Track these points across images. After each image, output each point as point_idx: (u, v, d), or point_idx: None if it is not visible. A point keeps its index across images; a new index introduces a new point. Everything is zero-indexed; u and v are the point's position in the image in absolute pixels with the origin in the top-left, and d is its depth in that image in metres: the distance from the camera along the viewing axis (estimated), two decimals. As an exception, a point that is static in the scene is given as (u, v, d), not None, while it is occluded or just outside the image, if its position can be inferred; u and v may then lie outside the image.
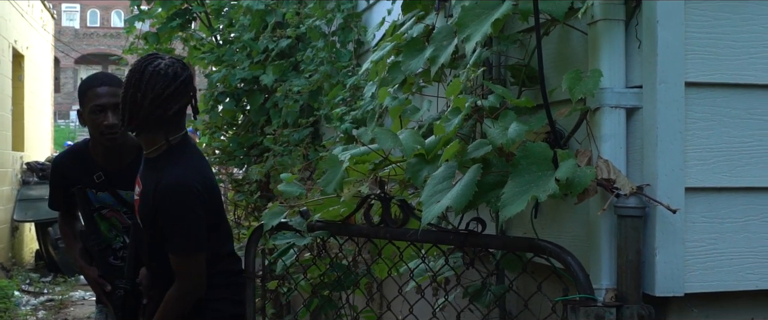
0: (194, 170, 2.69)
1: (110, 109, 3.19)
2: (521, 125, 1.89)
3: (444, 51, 2.28)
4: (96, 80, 3.32)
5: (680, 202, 1.82)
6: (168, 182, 2.61)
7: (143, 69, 2.65)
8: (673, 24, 1.83)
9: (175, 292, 2.69)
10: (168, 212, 2.62)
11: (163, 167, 2.66)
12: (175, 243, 2.64)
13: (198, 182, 2.65)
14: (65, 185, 3.46)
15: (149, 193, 2.68)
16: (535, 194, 1.75)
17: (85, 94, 3.28)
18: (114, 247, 3.46)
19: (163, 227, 2.65)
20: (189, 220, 2.62)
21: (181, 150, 2.72)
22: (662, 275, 1.82)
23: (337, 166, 2.20)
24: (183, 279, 2.66)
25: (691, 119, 1.85)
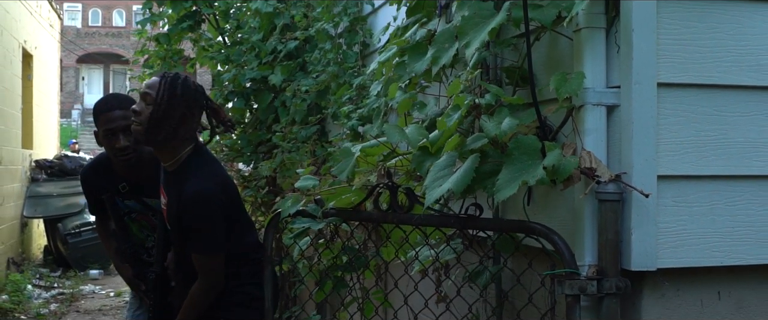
0: (212, 178, 2.96)
1: (121, 132, 3.37)
2: (513, 120, 2.14)
3: (445, 53, 2.52)
4: (108, 103, 3.48)
5: (653, 188, 2.07)
6: (189, 193, 2.87)
7: (164, 87, 2.92)
8: (646, 32, 2.08)
9: (199, 288, 2.99)
10: (190, 220, 2.90)
11: (184, 179, 2.93)
12: (198, 246, 2.93)
13: (216, 190, 2.93)
14: (95, 194, 3.71)
15: (174, 204, 2.95)
16: (526, 180, 2.00)
17: (98, 118, 3.46)
18: (147, 246, 3.71)
19: (187, 232, 2.93)
20: (209, 226, 2.90)
21: (198, 160, 2.99)
22: (637, 252, 2.07)
23: (349, 157, 2.46)
24: (205, 276, 2.96)
25: (662, 115, 2.10)
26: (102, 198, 3.66)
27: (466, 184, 2.10)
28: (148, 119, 2.90)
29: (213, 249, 2.91)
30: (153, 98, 2.91)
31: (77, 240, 10.48)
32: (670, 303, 2.16)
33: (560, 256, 2.09)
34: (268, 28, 5.85)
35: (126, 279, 3.79)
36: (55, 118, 14.46)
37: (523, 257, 2.39)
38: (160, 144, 2.96)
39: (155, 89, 2.93)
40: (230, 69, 6.04)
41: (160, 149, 3.00)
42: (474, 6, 2.33)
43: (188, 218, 2.87)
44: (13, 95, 10.28)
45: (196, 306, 3.01)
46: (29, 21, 11.36)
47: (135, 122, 2.98)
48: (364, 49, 4.61)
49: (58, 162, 11.82)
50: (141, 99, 3.00)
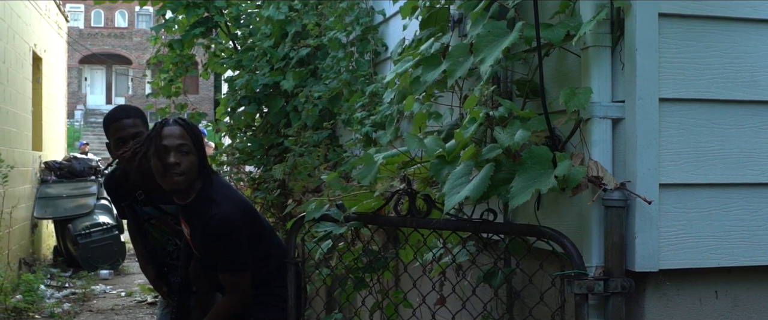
0: (231, 202, 3.19)
1: (131, 139, 3.55)
2: (525, 131, 2.31)
3: (460, 66, 2.69)
4: (116, 114, 3.65)
5: (655, 195, 2.24)
6: (213, 220, 3.09)
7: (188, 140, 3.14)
8: (649, 51, 2.25)
9: (228, 303, 3.25)
10: (216, 246, 3.14)
11: (205, 208, 3.14)
12: (225, 266, 3.18)
13: (237, 213, 3.16)
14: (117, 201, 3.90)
15: (198, 233, 3.17)
16: (538, 188, 2.18)
17: (109, 128, 3.62)
18: (168, 249, 3.88)
19: (214, 256, 3.13)
20: (234, 248, 3.14)
21: (211, 191, 3.19)
22: (641, 254, 2.25)
23: (372, 163, 2.63)
24: (233, 293, 3.22)
25: (664, 128, 2.28)
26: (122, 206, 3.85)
27: (483, 191, 2.27)
28: (192, 167, 3.10)
29: (239, 268, 3.14)
30: (191, 147, 3.11)
31: (87, 241, 10.65)
32: (671, 301, 2.33)
33: (569, 258, 2.26)
34: (279, 35, 6.02)
35: (150, 280, 3.98)
36: (62, 120, 14.64)
37: (532, 259, 2.57)
38: (193, 186, 3.16)
39: (186, 138, 3.13)
40: (242, 74, 6.21)
41: (188, 190, 3.18)
42: (488, 25, 2.50)
43: (214, 242, 3.09)
44: (24, 98, 10.45)
45: (221, 317, 3.23)
46: (38, 24, 11.53)
47: (175, 173, 3.11)
48: (376, 57, 4.77)
49: (67, 164, 11.98)
50: (175, 151, 3.10)
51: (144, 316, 8.06)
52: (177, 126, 3.17)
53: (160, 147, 3.13)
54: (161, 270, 3.88)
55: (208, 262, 3.30)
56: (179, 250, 3.82)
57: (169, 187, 3.17)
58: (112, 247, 10.84)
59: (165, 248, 3.86)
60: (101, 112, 42.11)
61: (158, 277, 3.90)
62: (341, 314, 2.98)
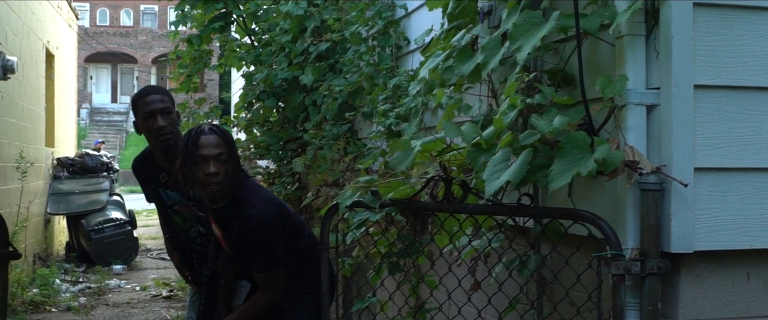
0: (265, 202, 3.26)
1: (159, 113, 3.63)
2: (563, 118, 2.38)
3: (493, 58, 2.76)
4: (145, 91, 3.75)
5: (690, 179, 2.31)
6: (250, 220, 3.16)
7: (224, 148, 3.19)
8: (684, 39, 2.32)
9: (260, 299, 3.33)
10: (252, 245, 3.21)
11: (239, 211, 3.20)
12: (259, 265, 3.25)
13: (272, 212, 3.23)
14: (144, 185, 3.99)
15: (235, 234, 3.24)
16: (579, 171, 2.24)
17: (137, 104, 3.71)
18: (191, 236, 3.96)
19: (249, 254, 3.20)
20: (269, 246, 3.21)
21: (245, 192, 3.26)
22: (676, 236, 2.32)
23: (409, 150, 2.70)
24: (266, 291, 3.30)
25: (698, 114, 2.35)
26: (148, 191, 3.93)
27: (522, 176, 2.34)
28: (227, 174, 3.15)
29: (273, 266, 3.22)
30: (227, 154, 3.16)
31: (101, 236, 10.73)
32: (704, 282, 2.40)
33: (606, 240, 2.33)
34: (297, 30, 6.10)
35: (175, 265, 4.07)
36: (73, 116, 14.71)
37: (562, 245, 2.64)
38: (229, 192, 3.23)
39: (222, 145, 3.16)
40: (261, 69, 6.29)
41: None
42: (524, 14, 2.57)
43: (250, 242, 3.17)
44: (38, 95, 10.53)
45: (253, 312, 3.34)
46: (51, 21, 11.60)
47: (214, 182, 3.13)
48: (398, 51, 4.84)
49: (79, 160, 12.07)
50: (214, 160, 3.13)
51: (160, 310, 8.13)
52: (213, 135, 3.20)
53: (198, 157, 3.14)
54: (186, 256, 3.96)
55: (242, 261, 3.37)
56: (202, 237, 3.90)
57: (209, 196, 3.21)
58: (124, 243, 10.92)
59: (188, 234, 3.94)
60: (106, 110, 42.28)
61: (182, 263, 3.98)
62: (376, 298, 3.05)
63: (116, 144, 36.77)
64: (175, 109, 3.71)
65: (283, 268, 3.24)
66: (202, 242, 3.91)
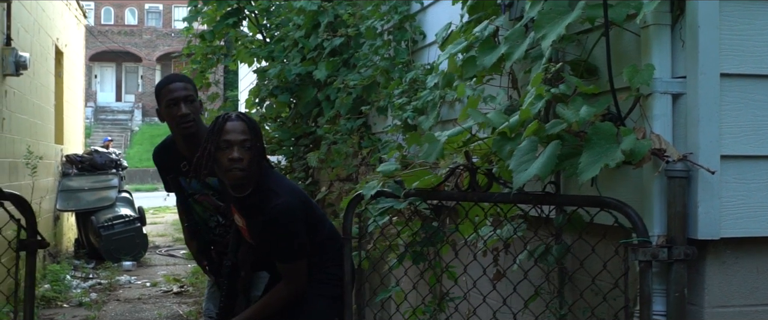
0: (289, 192, 3.28)
1: (182, 101, 3.68)
2: (590, 108, 2.41)
3: (518, 48, 2.79)
4: (168, 79, 3.80)
5: (717, 166, 2.34)
6: (274, 210, 3.17)
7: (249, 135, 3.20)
8: (710, 28, 2.35)
9: (283, 290, 3.33)
10: (275, 235, 3.22)
11: (262, 201, 3.22)
12: (283, 255, 3.26)
13: (296, 202, 3.25)
14: (164, 174, 4.01)
15: (258, 224, 3.25)
16: (607, 162, 2.27)
17: (160, 92, 3.76)
18: (210, 225, 3.99)
19: (273, 244, 3.22)
20: (293, 236, 3.22)
21: (270, 182, 3.27)
22: (703, 223, 2.34)
23: (435, 142, 2.73)
24: (290, 281, 3.30)
25: (725, 102, 2.37)
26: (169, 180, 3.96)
27: (551, 169, 2.36)
28: (251, 161, 3.18)
29: (297, 256, 3.24)
30: (252, 142, 3.19)
31: (110, 233, 10.77)
32: (729, 269, 2.43)
33: (633, 227, 2.35)
34: (310, 25, 6.12)
35: (193, 254, 4.10)
36: (80, 114, 14.76)
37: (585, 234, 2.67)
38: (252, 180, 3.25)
39: (247, 132, 3.19)
40: (274, 65, 6.31)
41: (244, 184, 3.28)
42: (550, 3, 2.59)
43: (274, 232, 3.17)
44: (48, 91, 10.57)
45: (275, 304, 3.34)
46: (60, 19, 11.64)
47: (238, 168, 3.16)
48: (413, 45, 4.87)
49: (88, 157, 12.11)
50: (239, 146, 3.16)
51: (171, 305, 8.17)
52: (240, 121, 3.23)
53: (222, 142, 3.17)
54: (204, 246, 3.99)
55: (264, 251, 3.39)
56: (221, 227, 3.93)
57: (232, 182, 3.23)
58: (134, 239, 10.96)
59: (207, 224, 3.97)
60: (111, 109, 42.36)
61: (200, 252, 4.01)
62: (399, 287, 3.07)
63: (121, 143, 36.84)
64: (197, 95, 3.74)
65: (306, 258, 3.25)
66: (221, 232, 3.94)
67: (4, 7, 7.73)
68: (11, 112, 8.04)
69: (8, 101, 7.89)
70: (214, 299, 4.16)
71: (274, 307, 3.37)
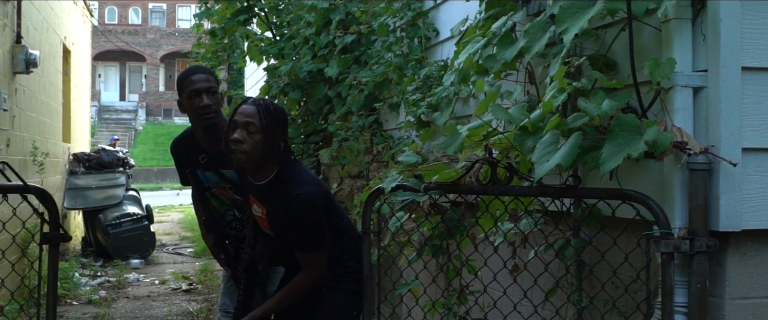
0: (311, 183, 3.30)
1: (204, 92, 3.71)
2: (613, 102, 2.43)
3: (538, 42, 2.81)
4: (190, 70, 3.84)
5: (738, 159, 2.36)
6: (296, 199, 3.18)
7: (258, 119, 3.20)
8: (732, 22, 2.37)
9: (303, 281, 3.35)
10: (298, 224, 3.22)
11: (285, 188, 3.23)
12: (304, 245, 3.27)
13: (318, 192, 3.26)
14: (181, 166, 4.03)
15: (280, 212, 3.25)
16: (629, 153, 2.29)
17: (182, 83, 3.79)
18: (226, 219, 4.01)
19: (295, 234, 3.24)
20: (315, 226, 3.24)
21: (292, 169, 3.29)
22: (724, 215, 2.37)
23: (455, 135, 2.75)
24: (310, 271, 3.31)
25: (746, 95, 2.39)
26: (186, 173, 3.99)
27: (573, 159, 2.39)
28: (256, 146, 3.19)
29: (318, 246, 3.25)
30: (258, 127, 3.20)
31: (118, 231, 10.81)
32: (750, 261, 2.45)
33: (655, 219, 2.38)
34: (322, 22, 6.15)
35: (209, 248, 4.12)
36: (87, 113, 14.80)
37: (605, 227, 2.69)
38: (260, 165, 3.26)
39: (255, 117, 3.20)
40: (286, 62, 6.34)
41: (256, 169, 3.28)
42: (571, -2, 2.61)
43: (296, 221, 3.19)
44: (56, 90, 10.60)
45: (295, 294, 3.35)
46: (68, 17, 11.68)
47: (238, 150, 3.19)
48: (426, 42, 4.89)
49: (95, 155, 12.14)
50: (241, 128, 3.19)
51: (181, 302, 8.20)
52: (253, 106, 3.26)
53: (231, 122, 3.24)
54: (220, 239, 4.01)
55: (283, 241, 3.40)
56: (237, 221, 3.95)
57: (235, 163, 3.27)
58: (142, 237, 11.00)
59: (224, 218, 3.99)
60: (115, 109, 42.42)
61: (217, 245, 4.03)
62: (419, 281, 3.10)
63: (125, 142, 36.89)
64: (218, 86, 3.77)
65: (327, 249, 3.27)
66: (237, 226, 3.96)
67: (15, 5, 7.76)
68: (21, 110, 8.08)
69: (18, 99, 7.92)
70: (230, 294, 4.19)
71: (293, 298, 3.39)
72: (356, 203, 5.16)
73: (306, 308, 3.45)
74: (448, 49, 4.55)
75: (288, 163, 3.32)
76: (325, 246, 3.27)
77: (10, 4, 7.63)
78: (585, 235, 2.87)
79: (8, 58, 7.50)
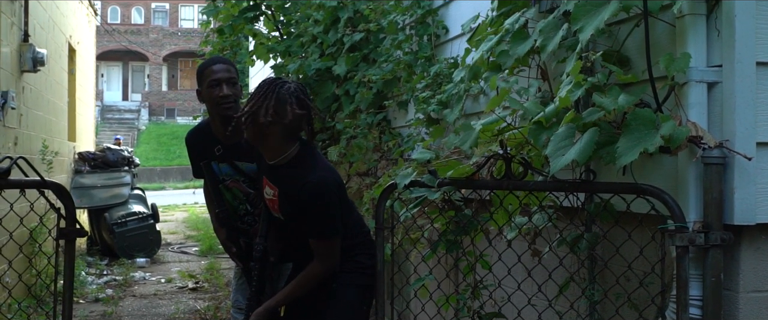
0: (327, 170, 3.29)
1: (225, 82, 3.73)
2: (628, 96, 2.46)
3: (551, 40, 2.83)
4: (211, 61, 3.86)
5: (753, 153, 2.38)
6: (313, 186, 3.16)
7: (277, 92, 3.22)
8: (747, 18, 2.39)
9: (316, 268, 3.31)
10: (313, 209, 3.20)
11: (300, 174, 3.23)
12: (317, 231, 3.25)
13: (333, 179, 3.26)
14: (196, 158, 4.05)
15: (292, 194, 3.23)
16: (646, 147, 2.31)
17: (203, 73, 3.81)
18: (239, 213, 4.02)
19: (307, 219, 3.24)
20: (330, 212, 3.21)
21: (310, 155, 3.30)
22: (739, 209, 2.39)
23: (470, 130, 2.78)
24: (323, 259, 3.29)
25: (760, 90, 2.42)
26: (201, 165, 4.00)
27: (589, 154, 2.41)
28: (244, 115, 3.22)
29: (332, 233, 3.24)
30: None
31: (123, 230, 10.83)
32: (764, 255, 2.47)
33: (671, 213, 2.40)
34: (330, 21, 6.17)
35: (221, 241, 4.12)
36: (91, 112, 14.83)
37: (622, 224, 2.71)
38: (262, 141, 3.26)
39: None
40: (293, 60, 6.36)
41: (264, 147, 3.30)
42: (585, -5, 2.64)
43: (311, 206, 3.18)
44: (61, 89, 10.63)
45: (308, 283, 3.35)
46: (73, 16, 11.71)
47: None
48: (436, 39, 4.91)
49: (101, 154, 12.16)
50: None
51: (187, 301, 8.22)
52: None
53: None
54: (232, 233, 4.02)
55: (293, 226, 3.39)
56: (250, 215, 3.96)
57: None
58: (147, 236, 11.02)
59: (236, 211, 4.00)
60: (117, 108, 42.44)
61: (229, 239, 4.04)
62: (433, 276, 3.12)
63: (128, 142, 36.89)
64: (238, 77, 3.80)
65: (340, 236, 3.26)
66: (249, 220, 3.97)
67: (22, 4, 7.78)
68: (28, 108, 8.10)
69: (25, 97, 7.95)
70: (242, 290, 4.20)
71: (308, 286, 3.36)
72: (365, 201, 5.18)
73: (316, 303, 3.45)
74: (457, 47, 4.57)
75: (307, 148, 3.33)
76: (339, 233, 3.25)
77: (18, 3, 7.66)
78: (599, 229, 2.89)
79: (16, 57, 7.53)
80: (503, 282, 3.09)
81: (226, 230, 4.03)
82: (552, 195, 2.84)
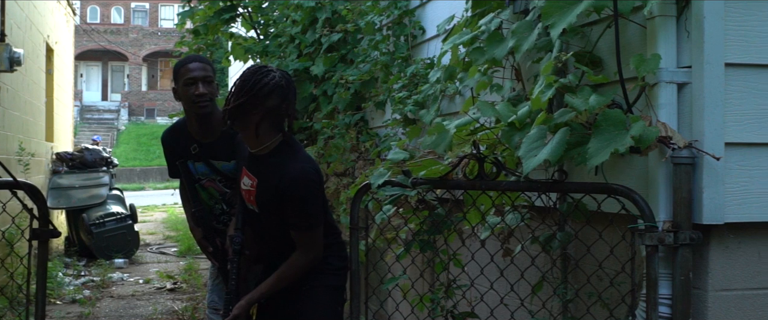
0: (309, 161, 3.27)
1: (201, 81, 3.72)
2: (600, 97, 2.47)
3: (526, 40, 2.85)
4: (187, 59, 3.83)
5: (721, 153, 2.41)
6: (293, 175, 3.12)
7: (259, 80, 3.20)
8: (715, 19, 2.42)
9: (299, 260, 3.26)
10: (295, 199, 3.16)
11: (281, 163, 3.21)
12: (301, 222, 3.21)
13: (315, 170, 3.24)
14: (172, 157, 4.04)
15: (272, 185, 3.18)
16: (616, 148, 2.33)
17: (179, 71, 3.80)
18: (215, 213, 4.02)
19: (289, 210, 3.22)
20: (312, 202, 3.17)
21: (289, 146, 3.29)
22: (708, 208, 2.42)
23: (444, 132, 2.79)
24: (306, 250, 3.25)
25: (729, 91, 2.44)
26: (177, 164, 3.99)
27: (560, 154, 2.43)
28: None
29: (315, 223, 3.21)
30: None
31: (101, 230, 10.77)
32: (733, 254, 2.50)
33: (640, 212, 2.42)
34: (308, 21, 6.17)
35: (197, 241, 4.09)
36: (70, 112, 14.74)
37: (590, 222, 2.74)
38: (245, 128, 3.24)
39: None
40: (271, 60, 6.36)
41: (247, 135, 3.28)
42: (557, -6, 2.65)
43: (292, 196, 3.15)
44: (39, 89, 10.56)
45: (292, 274, 3.32)
46: (51, 16, 11.64)
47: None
48: (413, 40, 4.92)
49: (79, 155, 12.08)
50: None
51: (166, 301, 8.19)
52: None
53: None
54: (208, 232, 4.01)
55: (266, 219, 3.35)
56: (225, 214, 3.95)
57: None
58: (125, 236, 10.96)
59: (212, 211, 3.99)
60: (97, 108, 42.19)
61: (205, 238, 4.02)
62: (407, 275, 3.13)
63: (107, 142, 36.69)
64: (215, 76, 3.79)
65: (322, 226, 3.25)
66: (225, 220, 3.96)
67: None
68: (4, 108, 8.05)
69: (1, 98, 7.89)
70: (218, 291, 4.19)
71: (290, 278, 3.31)
72: (343, 201, 5.19)
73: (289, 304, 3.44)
74: (434, 47, 4.59)
75: (289, 140, 3.31)
76: (320, 223, 3.22)
77: (-6, 2, 7.60)
78: (571, 229, 2.91)
79: (-8, 57, 7.47)
80: (476, 282, 3.10)
81: (202, 230, 4.02)
82: (525, 195, 2.86)
